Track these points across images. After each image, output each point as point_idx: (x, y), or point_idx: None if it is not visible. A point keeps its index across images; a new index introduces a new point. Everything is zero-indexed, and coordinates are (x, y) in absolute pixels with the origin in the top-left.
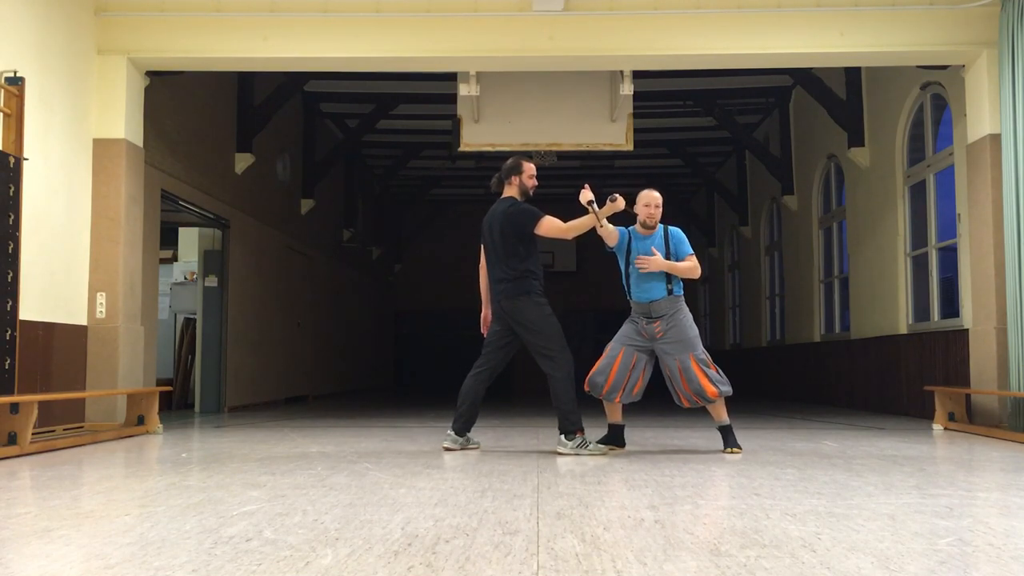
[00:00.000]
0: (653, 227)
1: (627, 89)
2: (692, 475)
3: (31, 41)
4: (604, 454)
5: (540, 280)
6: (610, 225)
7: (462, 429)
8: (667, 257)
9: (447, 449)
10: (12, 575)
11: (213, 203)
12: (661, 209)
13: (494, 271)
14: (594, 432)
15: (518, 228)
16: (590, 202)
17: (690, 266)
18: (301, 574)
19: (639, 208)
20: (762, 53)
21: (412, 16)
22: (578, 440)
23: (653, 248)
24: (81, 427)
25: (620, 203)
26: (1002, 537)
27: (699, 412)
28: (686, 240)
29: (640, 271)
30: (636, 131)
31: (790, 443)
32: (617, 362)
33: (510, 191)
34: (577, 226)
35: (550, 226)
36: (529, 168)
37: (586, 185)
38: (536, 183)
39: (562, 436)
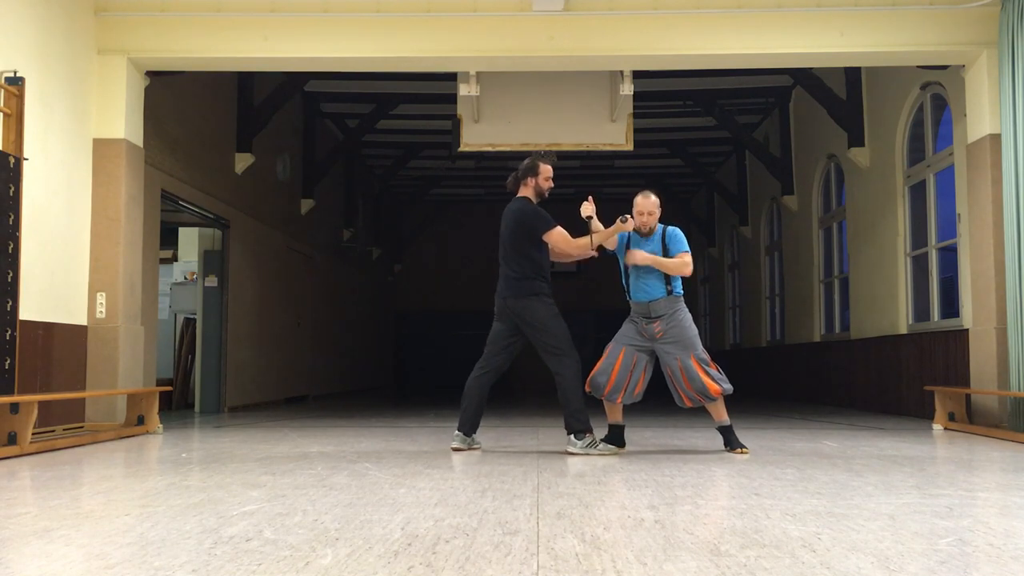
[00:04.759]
0: (649, 233)
1: (627, 89)
2: (692, 475)
3: (31, 41)
4: (614, 453)
5: (548, 281)
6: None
7: (469, 430)
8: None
9: (455, 449)
10: (12, 575)
11: (213, 203)
12: (656, 215)
13: (502, 268)
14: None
15: (528, 229)
16: (589, 217)
17: (677, 263)
18: (301, 574)
19: (635, 215)
20: (762, 53)
21: (412, 16)
22: (588, 440)
23: (638, 251)
24: (81, 427)
25: (629, 225)
26: (1002, 537)
27: (699, 412)
28: (683, 239)
29: (629, 266)
30: (636, 131)
31: (790, 443)
32: (618, 363)
33: (525, 191)
34: (582, 246)
35: (559, 238)
36: (546, 170)
37: (589, 198)
38: (552, 185)
39: (572, 436)
